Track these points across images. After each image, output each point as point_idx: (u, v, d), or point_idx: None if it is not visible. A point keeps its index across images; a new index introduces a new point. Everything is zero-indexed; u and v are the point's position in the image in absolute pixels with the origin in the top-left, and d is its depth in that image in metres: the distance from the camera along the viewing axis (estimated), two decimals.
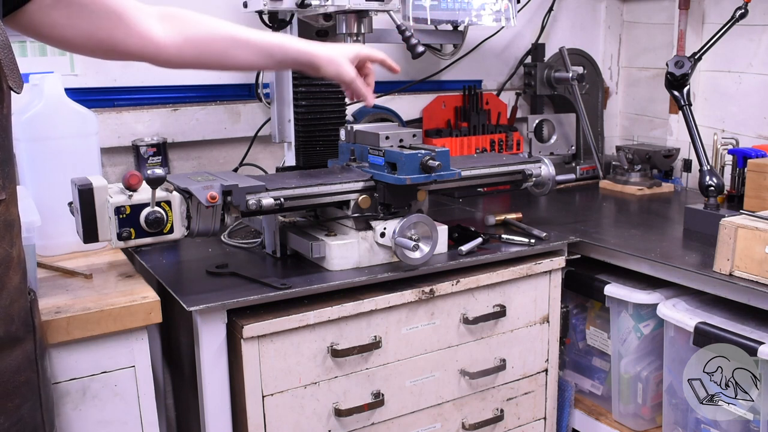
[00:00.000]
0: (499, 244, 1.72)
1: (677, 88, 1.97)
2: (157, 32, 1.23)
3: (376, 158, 1.56)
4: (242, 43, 1.36)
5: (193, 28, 1.30)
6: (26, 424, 1.11)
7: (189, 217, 1.40)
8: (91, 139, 1.67)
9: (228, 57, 1.35)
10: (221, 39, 1.33)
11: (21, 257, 1.10)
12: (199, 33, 1.30)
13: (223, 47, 1.34)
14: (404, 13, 2.02)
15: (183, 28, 1.28)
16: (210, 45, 1.32)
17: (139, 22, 1.19)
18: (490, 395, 1.74)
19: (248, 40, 1.36)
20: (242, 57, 1.37)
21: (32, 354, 1.12)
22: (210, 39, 1.32)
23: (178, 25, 1.27)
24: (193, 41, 1.29)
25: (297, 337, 1.44)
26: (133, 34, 1.18)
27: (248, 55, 1.37)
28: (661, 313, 1.67)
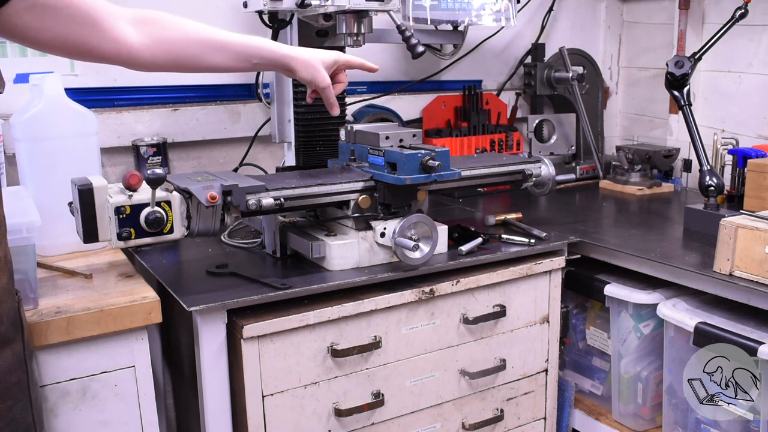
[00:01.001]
0: (499, 244, 1.72)
1: (677, 88, 1.97)
2: (130, 36, 1.22)
3: (376, 158, 1.56)
4: (218, 47, 1.34)
5: (168, 32, 1.28)
6: (19, 424, 1.12)
7: (189, 217, 1.40)
8: (91, 139, 1.67)
9: (203, 61, 1.34)
10: (196, 43, 1.32)
11: (8, 258, 1.10)
12: (174, 37, 1.29)
13: (198, 51, 1.32)
14: (404, 13, 2.02)
15: (157, 32, 1.27)
16: (184, 49, 1.31)
17: (112, 27, 1.18)
18: (490, 395, 1.74)
19: (224, 43, 1.35)
20: (218, 60, 1.36)
21: (21, 354, 1.12)
22: (185, 43, 1.31)
23: (152, 28, 1.26)
24: (167, 45, 1.28)
25: (297, 337, 1.44)
26: (107, 39, 1.17)
27: (224, 58, 1.36)
28: (661, 313, 1.67)
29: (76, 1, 1.12)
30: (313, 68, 1.44)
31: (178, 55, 1.30)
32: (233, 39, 1.37)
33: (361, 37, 1.79)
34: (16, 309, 1.11)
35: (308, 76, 1.44)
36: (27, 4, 1.04)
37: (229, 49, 1.36)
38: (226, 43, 1.36)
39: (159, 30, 1.27)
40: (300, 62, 1.43)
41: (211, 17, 2.08)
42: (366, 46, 1.82)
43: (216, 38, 1.35)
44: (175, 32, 1.29)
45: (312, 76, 1.44)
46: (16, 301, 1.12)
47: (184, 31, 1.31)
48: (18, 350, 1.11)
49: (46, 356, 1.29)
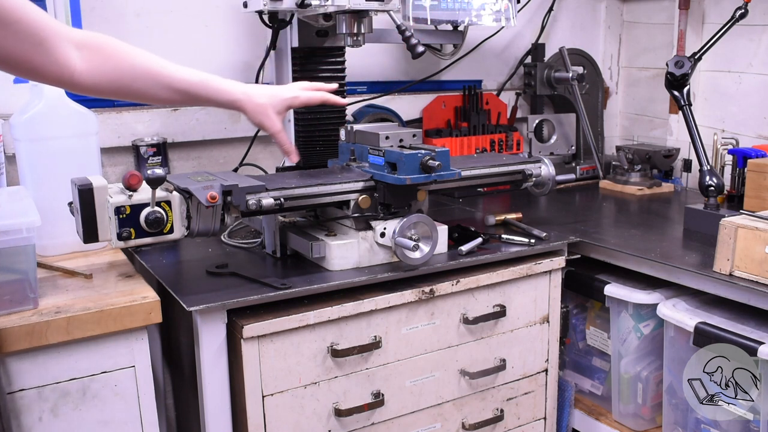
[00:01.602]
0: (499, 244, 1.72)
1: (677, 88, 1.97)
2: (74, 62, 1.20)
3: (376, 158, 1.56)
4: (164, 84, 1.33)
5: (115, 63, 1.27)
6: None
7: (189, 217, 1.40)
8: (91, 139, 1.67)
9: (148, 94, 1.33)
10: (142, 77, 1.30)
11: None
12: (121, 68, 1.27)
13: (143, 86, 1.31)
14: (404, 13, 2.02)
15: (103, 61, 1.25)
16: (130, 82, 1.30)
17: (58, 49, 1.17)
18: (490, 395, 1.74)
19: (171, 80, 1.33)
20: (162, 96, 1.35)
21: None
22: (130, 76, 1.29)
23: (100, 56, 1.24)
24: (111, 76, 1.26)
25: (297, 337, 1.44)
26: (51, 61, 1.16)
27: (169, 94, 1.35)
28: (661, 313, 1.67)
29: (26, 18, 1.10)
30: (262, 114, 1.43)
31: (121, 86, 1.29)
32: (182, 76, 1.35)
33: (361, 37, 1.79)
34: None
35: (257, 121, 1.44)
36: None
37: (175, 87, 1.34)
38: (174, 80, 1.34)
39: (105, 59, 1.25)
40: (249, 106, 1.42)
41: (211, 17, 2.08)
42: (366, 46, 1.82)
43: (164, 74, 1.33)
44: (123, 63, 1.28)
45: (260, 122, 1.44)
46: None
47: (132, 63, 1.29)
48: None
49: (46, 356, 1.29)
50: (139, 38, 1.99)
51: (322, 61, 1.85)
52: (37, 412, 1.30)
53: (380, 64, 2.38)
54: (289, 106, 1.48)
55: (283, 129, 1.46)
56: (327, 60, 1.86)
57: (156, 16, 2.01)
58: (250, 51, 2.12)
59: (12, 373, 1.27)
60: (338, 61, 1.87)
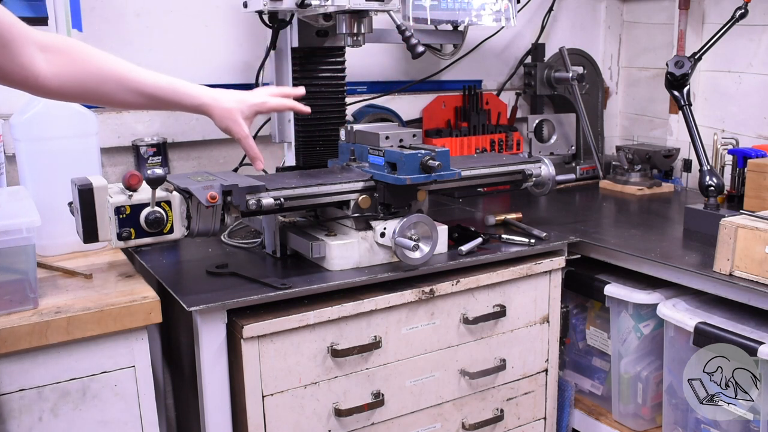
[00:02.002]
0: (499, 244, 1.72)
1: (677, 88, 1.97)
2: (39, 65, 1.18)
3: (376, 158, 1.56)
4: (131, 88, 1.31)
5: (81, 66, 1.25)
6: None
7: (189, 217, 1.40)
8: (91, 139, 1.67)
9: (114, 98, 1.32)
10: (109, 81, 1.29)
11: None
12: (86, 72, 1.25)
13: (110, 89, 1.29)
14: (404, 13, 2.02)
15: (69, 64, 1.23)
16: (95, 85, 1.28)
17: (23, 53, 1.15)
18: (490, 395, 1.74)
19: (138, 84, 1.32)
20: (129, 100, 1.33)
21: None
22: (97, 80, 1.27)
23: (65, 59, 1.22)
24: (77, 79, 1.24)
25: (297, 337, 1.44)
26: (15, 64, 1.14)
27: (135, 98, 1.33)
28: (661, 313, 1.67)
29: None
30: (230, 120, 1.42)
31: (88, 90, 1.27)
32: (149, 80, 1.33)
33: (361, 37, 1.79)
34: None
35: (224, 126, 1.42)
36: None
37: (142, 92, 1.33)
38: (141, 84, 1.32)
39: (71, 62, 1.23)
40: (216, 111, 1.41)
41: (211, 17, 2.08)
42: (366, 46, 1.82)
43: (131, 78, 1.31)
44: (89, 66, 1.26)
45: (227, 127, 1.42)
46: None
47: (98, 66, 1.28)
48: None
49: (46, 356, 1.29)
50: (139, 38, 1.99)
51: (322, 61, 1.85)
52: (37, 412, 1.31)
53: (380, 64, 2.38)
54: (257, 112, 1.46)
55: (249, 135, 1.44)
56: (327, 60, 1.86)
57: (156, 16, 2.01)
58: (250, 51, 2.12)
59: (12, 373, 1.27)
60: (338, 61, 1.87)
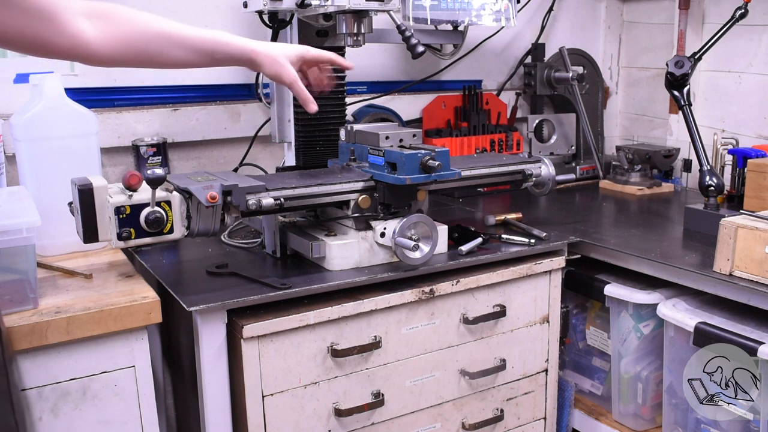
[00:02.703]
0: (499, 244, 1.72)
1: (677, 88, 1.97)
2: (87, 32, 1.18)
3: (376, 158, 1.56)
4: (178, 42, 1.31)
5: (126, 27, 1.25)
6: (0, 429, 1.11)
7: (189, 217, 1.40)
8: (91, 139, 1.67)
9: (163, 56, 1.31)
10: (155, 38, 1.28)
11: None
12: (132, 32, 1.25)
13: (158, 47, 1.29)
14: (404, 13, 2.02)
15: (115, 27, 1.23)
16: (143, 44, 1.27)
17: (69, 22, 1.15)
18: (490, 395, 1.74)
19: (185, 38, 1.31)
20: (178, 55, 1.32)
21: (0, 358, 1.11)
22: (144, 39, 1.27)
23: (109, 23, 1.22)
24: (125, 41, 1.24)
25: (297, 337, 1.44)
26: (64, 35, 1.14)
27: (185, 53, 1.32)
28: (661, 313, 1.67)
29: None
30: (278, 63, 1.41)
31: (138, 50, 1.27)
32: (194, 34, 1.33)
33: (361, 37, 1.79)
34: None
35: (272, 71, 1.41)
36: None
37: (190, 45, 1.32)
38: (187, 38, 1.32)
39: (118, 25, 1.23)
40: (265, 57, 1.40)
41: (211, 17, 2.08)
42: (366, 46, 1.82)
43: (176, 33, 1.31)
44: (134, 26, 1.26)
45: (276, 72, 1.41)
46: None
47: (144, 25, 1.27)
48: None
49: (46, 356, 1.29)
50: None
51: None
52: (37, 412, 1.30)
53: (380, 64, 2.38)
54: (302, 57, 1.45)
55: (298, 79, 1.43)
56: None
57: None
58: None
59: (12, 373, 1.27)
60: None
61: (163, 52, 1.30)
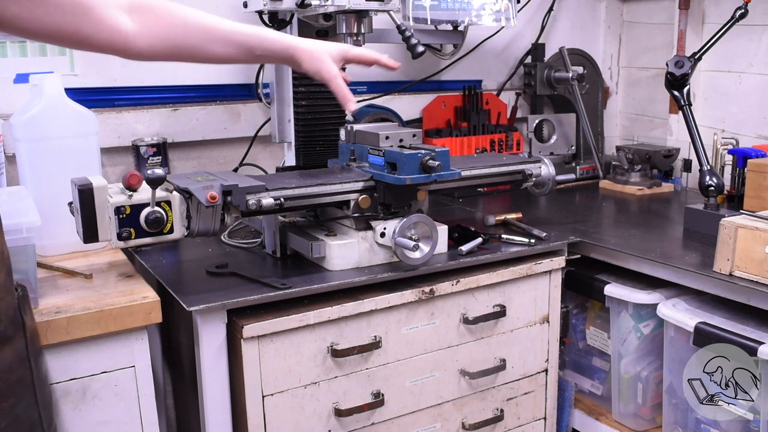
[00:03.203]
0: (499, 244, 1.72)
1: (677, 88, 1.97)
2: (125, 25, 1.17)
3: (376, 158, 1.56)
4: (219, 37, 1.29)
5: (166, 20, 1.23)
6: (22, 422, 1.11)
7: (189, 217, 1.40)
8: (91, 139, 1.67)
9: (203, 51, 1.29)
10: (196, 32, 1.26)
11: (5, 254, 1.09)
12: (173, 26, 1.23)
13: (198, 41, 1.27)
14: (404, 13, 2.02)
15: (154, 20, 1.21)
16: (183, 38, 1.25)
17: (106, 15, 1.13)
18: (490, 395, 1.74)
19: (225, 33, 1.29)
20: (218, 51, 1.30)
21: (23, 352, 1.11)
22: (184, 32, 1.25)
23: (149, 16, 1.20)
24: (165, 35, 1.23)
25: (297, 337, 1.44)
26: (101, 29, 1.13)
27: (225, 48, 1.30)
28: (661, 313, 1.67)
29: None
30: (318, 60, 1.38)
31: (177, 45, 1.25)
32: (235, 29, 1.31)
33: (361, 37, 1.79)
34: (15, 306, 1.10)
35: (314, 68, 1.39)
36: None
37: (230, 40, 1.30)
38: (228, 33, 1.30)
39: (156, 18, 1.22)
40: (305, 53, 1.37)
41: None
42: (366, 46, 1.81)
43: (217, 27, 1.29)
44: (174, 20, 1.24)
45: (317, 68, 1.39)
46: (16, 298, 1.11)
47: (184, 19, 1.25)
48: (19, 348, 1.10)
49: (46, 356, 1.29)
50: None
51: None
52: None
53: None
54: (343, 55, 1.43)
55: (339, 75, 1.40)
56: None
57: None
58: None
59: None
60: None
61: (204, 47, 1.28)
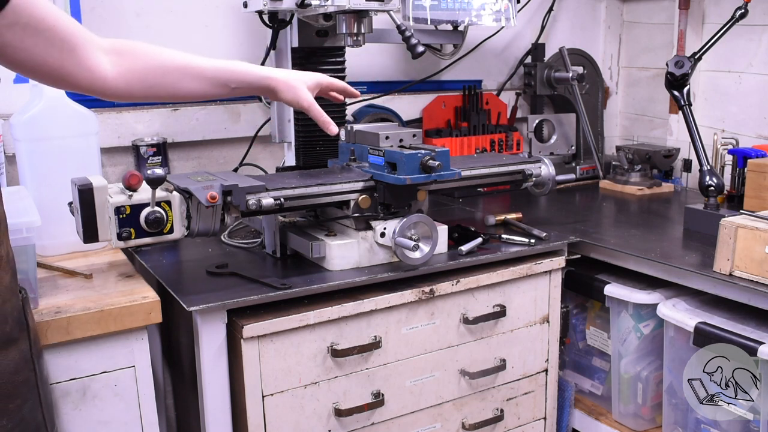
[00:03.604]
0: (499, 244, 1.72)
1: (677, 88, 1.97)
2: (105, 68, 1.20)
3: (376, 158, 1.56)
4: (194, 75, 1.32)
5: (142, 61, 1.26)
6: (28, 423, 1.12)
7: (189, 217, 1.40)
8: (91, 139, 1.67)
9: (179, 88, 1.33)
10: (172, 71, 1.30)
11: (10, 256, 1.10)
12: (148, 66, 1.27)
13: (174, 79, 1.31)
14: (404, 13, 2.02)
15: (132, 62, 1.24)
16: (159, 77, 1.29)
17: (89, 57, 1.17)
18: (490, 395, 1.74)
19: (201, 70, 1.33)
20: (194, 87, 1.34)
21: (28, 353, 1.12)
22: (159, 71, 1.29)
23: (126, 58, 1.24)
24: (141, 74, 1.26)
25: (297, 337, 1.44)
26: (82, 68, 1.16)
27: (200, 85, 1.34)
28: (661, 313, 1.67)
29: (58, 26, 1.10)
30: (294, 89, 1.43)
31: (153, 84, 1.28)
32: (209, 65, 1.35)
33: (361, 37, 1.79)
34: (20, 308, 1.11)
35: (290, 96, 1.43)
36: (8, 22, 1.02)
37: (205, 76, 1.34)
38: (202, 69, 1.33)
39: (133, 59, 1.25)
40: (281, 83, 1.42)
41: (211, 17, 2.08)
42: (366, 46, 1.82)
43: (191, 65, 1.32)
44: (150, 61, 1.27)
45: (295, 96, 1.44)
46: (20, 299, 1.12)
47: (159, 59, 1.29)
48: (24, 349, 1.11)
49: (46, 356, 1.29)
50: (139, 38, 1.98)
51: (322, 61, 1.85)
52: None
53: (380, 64, 2.38)
54: (318, 83, 1.48)
55: (315, 102, 1.46)
56: (327, 60, 1.86)
57: (156, 16, 2.01)
58: (250, 51, 2.12)
59: None
60: (338, 61, 1.87)
61: (180, 84, 1.32)
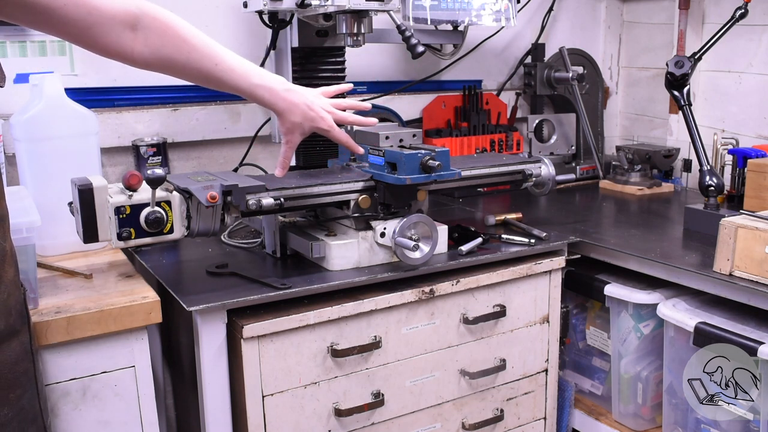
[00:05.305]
0: (499, 244, 1.72)
1: (677, 88, 1.97)
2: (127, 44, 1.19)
3: (376, 158, 1.56)
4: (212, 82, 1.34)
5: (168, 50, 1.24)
6: (27, 413, 1.14)
7: (189, 217, 1.40)
8: (91, 139, 1.67)
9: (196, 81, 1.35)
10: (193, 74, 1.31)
11: (13, 251, 1.12)
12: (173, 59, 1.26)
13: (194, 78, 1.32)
14: (404, 13, 2.02)
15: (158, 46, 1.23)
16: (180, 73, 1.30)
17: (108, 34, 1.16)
18: (490, 395, 1.74)
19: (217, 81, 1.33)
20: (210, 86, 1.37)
21: (28, 345, 1.15)
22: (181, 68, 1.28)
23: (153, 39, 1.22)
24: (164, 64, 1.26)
25: (297, 337, 1.44)
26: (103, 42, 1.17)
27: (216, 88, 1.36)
28: (661, 313, 1.67)
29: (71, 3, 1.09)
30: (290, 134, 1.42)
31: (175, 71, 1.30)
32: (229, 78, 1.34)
33: (361, 37, 1.79)
34: (22, 301, 1.14)
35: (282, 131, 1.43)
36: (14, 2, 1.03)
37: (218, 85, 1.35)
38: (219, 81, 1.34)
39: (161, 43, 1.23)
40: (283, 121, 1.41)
41: (212, 17, 2.08)
42: (366, 46, 1.82)
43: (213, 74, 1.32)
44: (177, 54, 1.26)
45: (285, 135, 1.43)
46: (22, 293, 1.14)
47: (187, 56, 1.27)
48: (25, 341, 1.13)
49: (46, 356, 1.29)
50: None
51: (322, 61, 1.86)
52: None
53: (380, 64, 2.38)
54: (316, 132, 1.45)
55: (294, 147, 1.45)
56: (327, 60, 1.86)
57: None
58: (250, 51, 2.12)
59: None
60: (338, 61, 1.88)
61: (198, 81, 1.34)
